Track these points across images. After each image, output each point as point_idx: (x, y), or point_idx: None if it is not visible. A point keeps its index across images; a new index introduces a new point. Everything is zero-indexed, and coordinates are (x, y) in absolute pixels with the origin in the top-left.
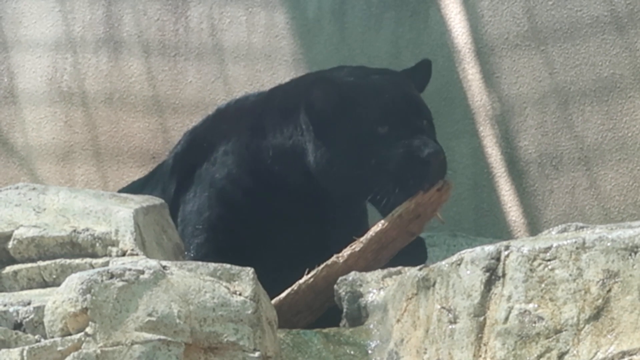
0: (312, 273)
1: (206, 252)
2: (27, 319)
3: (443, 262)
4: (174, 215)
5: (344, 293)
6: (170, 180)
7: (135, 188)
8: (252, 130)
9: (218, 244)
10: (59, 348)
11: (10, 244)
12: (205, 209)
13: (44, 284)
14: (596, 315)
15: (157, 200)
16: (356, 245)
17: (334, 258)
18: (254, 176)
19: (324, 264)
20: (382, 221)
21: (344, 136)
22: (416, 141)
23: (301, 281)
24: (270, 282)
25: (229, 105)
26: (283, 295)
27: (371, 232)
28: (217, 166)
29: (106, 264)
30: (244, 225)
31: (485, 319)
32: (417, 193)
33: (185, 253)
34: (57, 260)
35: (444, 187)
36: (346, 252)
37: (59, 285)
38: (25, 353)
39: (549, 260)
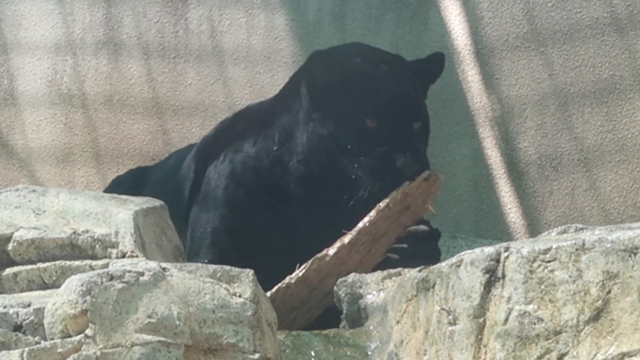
0: (302, 267)
1: (212, 257)
2: (27, 321)
3: (443, 264)
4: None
5: (343, 294)
6: (191, 164)
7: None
8: (264, 124)
9: (222, 245)
10: (59, 350)
11: (10, 246)
12: (210, 209)
13: (44, 286)
14: (596, 317)
15: (156, 202)
16: (345, 238)
17: (323, 251)
18: (257, 174)
19: (314, 257)
20: (371, 213)
21: (334, 119)
22: (397, 146)
23: (292, 275)
24: (274, 281)
25: (255, 104)
26: (274, 290)
27: (360, 224)
28: (225, 165)
29: (106, 265)
30: (247, 224)
31: (484, 320)
32: (402, 183)
33: (196, 258)
34: (57, 262)
35: (432, 177)
36: (336, 244)
37: (58, 287)
38: (25, 355)
39: (549, 261)
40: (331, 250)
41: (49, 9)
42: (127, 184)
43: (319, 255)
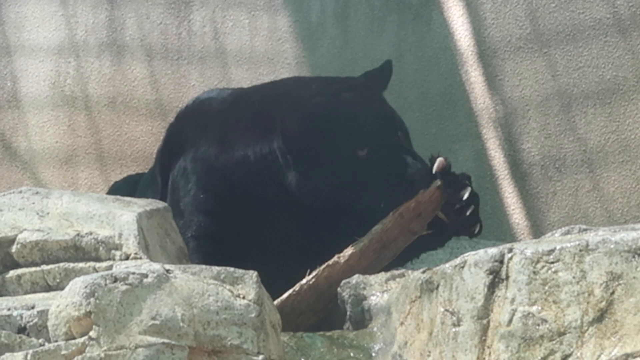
0: (313, 273)
1: (197, 262)
2: (31, 323)
3: (446, 265)
4: None
5: (347, 296)
6: (155, 172)
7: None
8: (220, 143)
9: (205, 249)
10: (63, 352)
11: (14, 248)
12: (184, 216)
13: (48, 288)
14: (600, 318)
15: (160, 204)
16: (357, 245)
17: (335, 258)
18: (224, 184)
19: (325, 264)
20: (383, 220)
21: (325, 162)
22: (397, 161)
23: (303, 282)
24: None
25: (195, 105)
26: (284, 296)
27: (372, 232)
28: (187, 175)
29: (110, 267)
30: (225, 228)
31: (488, 321)
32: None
33: None
34: (61, 264)
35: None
36: (347, 251)
37: (62, 289)
38: (29, 357)
39: (553, 262)
40: (342, 258)
41: (52, 11)
42: (124, 190)
43: (330, 262)
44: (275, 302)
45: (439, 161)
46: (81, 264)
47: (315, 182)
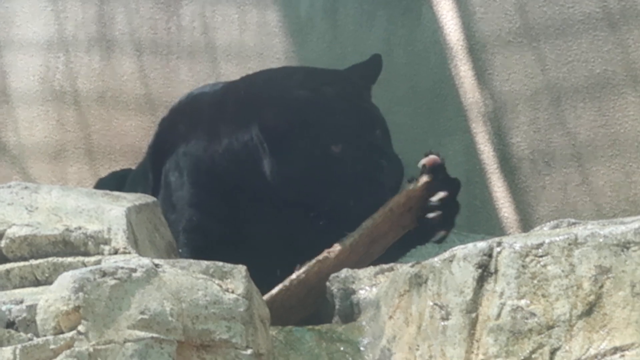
0: (303, 268)
1: (187, 256)
2: (20, 318)
3: (435, 259)
4: None
5: (336, 290)
6: (147, 166)
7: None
8: (209, 135)
9: (194, 244)
10: (52, 346)
11: (2, 243)
12: (176, 210)
13: (37, 283)
14: (588, 311)
15: (149, 199)
16: (347, 240)
17: (325, 253)
18: (213, 177)
19: (315, 259)
20: (374, 215)
21: (299, 155)
22: (369, 161)
23: (293, 277)
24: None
25: (187, 100)
26: (274, 291)
27: (362, 227)
28: (179, 170)
29: (98, 262)
30: (216, 223)
31: (477, 315)
32: (406, 186)
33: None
34: (50, 259)
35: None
36: (337, 247)
37: (51, 283)
38: (17, 351)
39: (542, 256)
40: (332, 253)
41: (42, 6)
42: (110, 186)
43: (320, 257)
44: (265, 297)
45: (430, 157)
46: (70, 259)
47: (288, 173)
